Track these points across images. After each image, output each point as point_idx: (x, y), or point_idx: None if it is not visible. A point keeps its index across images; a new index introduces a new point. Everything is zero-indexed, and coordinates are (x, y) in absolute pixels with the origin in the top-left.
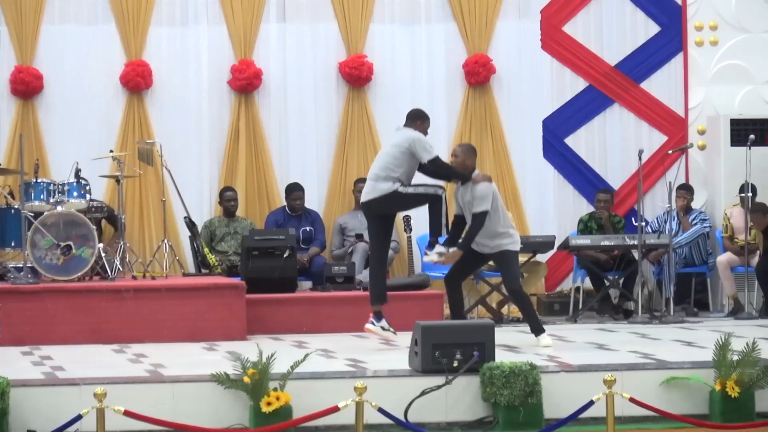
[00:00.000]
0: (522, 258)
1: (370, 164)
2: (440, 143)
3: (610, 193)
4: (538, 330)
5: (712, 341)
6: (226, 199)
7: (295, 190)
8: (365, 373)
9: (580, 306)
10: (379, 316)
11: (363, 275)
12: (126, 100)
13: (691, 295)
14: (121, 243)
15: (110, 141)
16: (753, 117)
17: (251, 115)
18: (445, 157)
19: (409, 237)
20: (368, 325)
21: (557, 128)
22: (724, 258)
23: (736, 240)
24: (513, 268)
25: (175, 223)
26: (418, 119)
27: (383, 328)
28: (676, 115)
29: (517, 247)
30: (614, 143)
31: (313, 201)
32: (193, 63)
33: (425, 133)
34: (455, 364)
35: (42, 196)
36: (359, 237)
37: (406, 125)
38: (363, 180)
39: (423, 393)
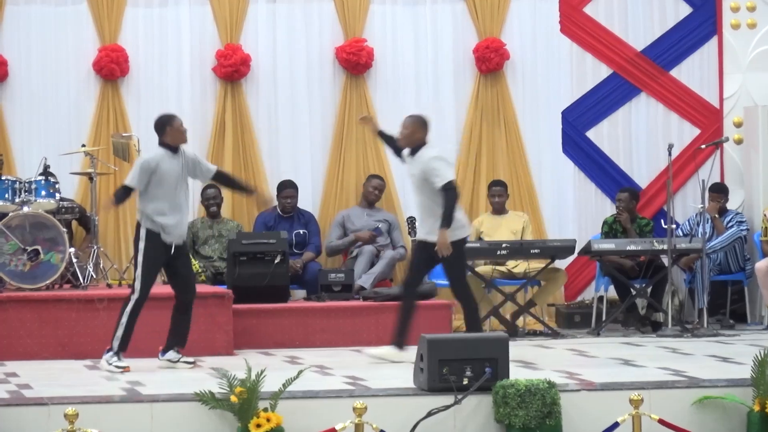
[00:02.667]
0: (539, 264)
1: (370, 159)
2: (448, 137)
3: (631, 191)
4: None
5: (750, 356)
6: (206, 197)
7: (286, 188)
8: (365, 391)
9: (604, 317)
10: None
11: (363, 280)
12: (99, 88)
13: (727, 306)
14: (95, 247)
15: (82, 134)
16: None
17: (238, 106)
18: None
19: (413, 241)
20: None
21: (578, 120)
22: (763, 264)
23: None
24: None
25: None
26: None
27: None
28: (710, 106)
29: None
30: (641, 137)
31: (307, 200)
32: (174, 48)
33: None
34: (465, 381)
35: (6, 196)
36: (372, 238)
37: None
38: (377, 176)
39: (429, 414)
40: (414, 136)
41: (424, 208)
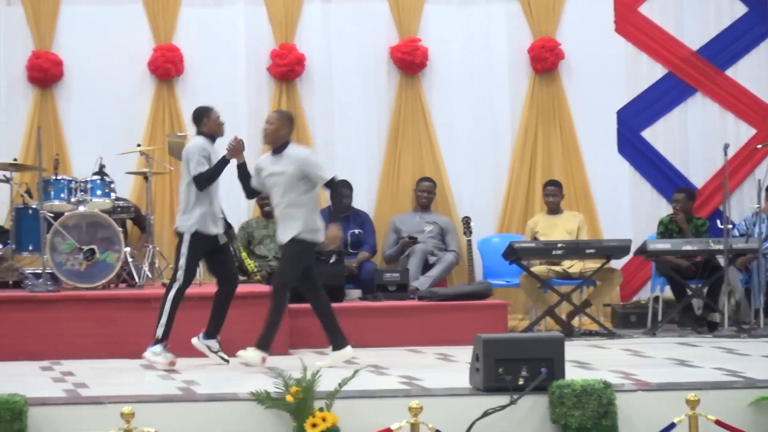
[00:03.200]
0: (595, 264)
1: (425, 160)
2: (504, 136)
3: (687, 192)
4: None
5: None
6: (261, 197)
7: (345, 188)
8: (421, 391)
9: (659, 318)
10: None
11: (419, 283)
12: (154, 88)
13: None
14: (150, 247)
15: (137, 134)
16: None
17: (293, 105)
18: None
19: (469, 240)
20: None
21: (633, 120)
22: None
23: None
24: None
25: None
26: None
27: None
28: (766, 105)
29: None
30: (696, 137)
31: (362, 201)
32: (229, 47)
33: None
34: (521, 381)
35: (62, 195)
36: (413, 239)
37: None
38: (427, 179)
39: (485, 414)
40: (279, 133)
41: (289, 209)
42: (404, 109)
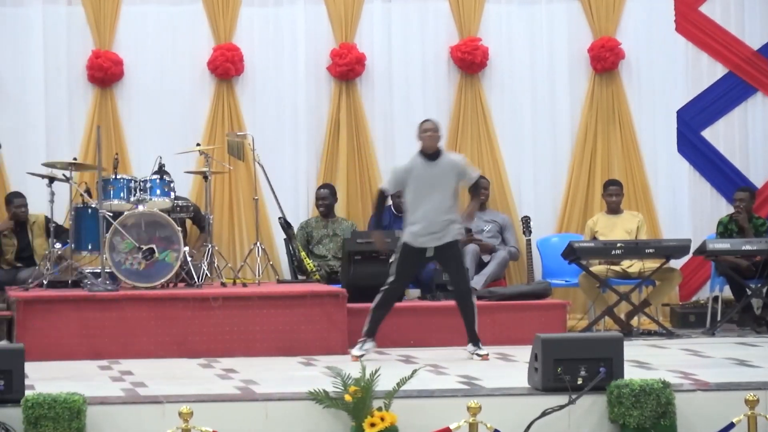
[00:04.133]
0: (654, 264)
1: (485, 159)
2: (564, 136)
3: (750, 191)
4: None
5: None
6: (317, 197)
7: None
8: (480, 391)
9: (719, 317)
10: None
11: (475, 281)
12: (214, 88)
13: None
14: (209, 246)
15: (197, 133)
16: None
17: (353, 105)
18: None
19: (529, 240)
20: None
21: (693, 120)
22: None
23: None
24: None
25: (268, 224)
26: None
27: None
28: None
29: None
30: (757, 136)
31: None
32: (289, 47)
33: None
34: (579, 381)
35: (122, 195)
36: (468, 231)
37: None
38: (482, 178)
39: (544, 413)
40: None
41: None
42: (464, 109)
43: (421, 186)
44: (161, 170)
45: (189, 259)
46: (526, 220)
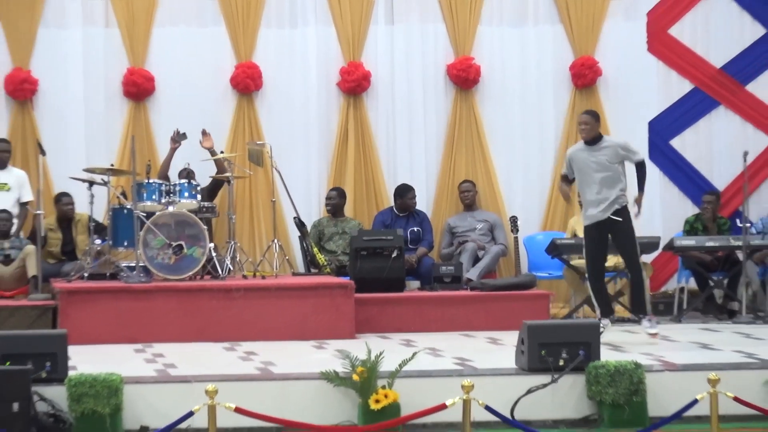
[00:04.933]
0: None
1: (478, 164)
2: (548, 144)
3: (716, 194)
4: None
5: None
6: (326, 197)
7: (410, 190)
8: (472, 371)
9: (685, 306)
10: None
11: (470, 273)
12: (236, 101)
13: None
14: (232, 243)
15: (221, 142)
16: None
17: (360, 117)
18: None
19: (516, 237)
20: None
21: (663, 130)
22: None
23: None
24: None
25: (284, 223)
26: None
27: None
28: None
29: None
30: (720, 145)
31: (422, 202)
32: (302, 65)
33: None
34: (561, 362)
35: (154, 197)
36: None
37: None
38: (466, 181)
39: (529, 391)
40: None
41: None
42: (459, 121)
43: (585, 170)
44: (189, 175)
45: (214, 254)
46: (513, 220)
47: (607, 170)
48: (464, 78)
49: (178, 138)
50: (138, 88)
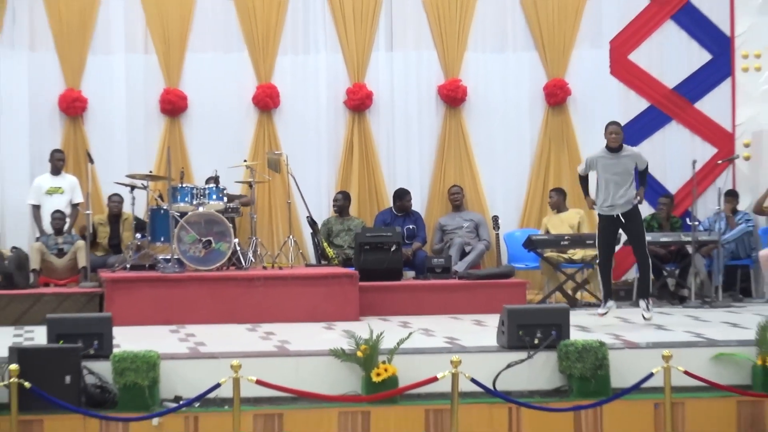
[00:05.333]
0: (593, 252)
1: (465, 172)
2: (524, 154)
3: (669, 197)
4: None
5: (754, 323)
6: (333, 199)
7: (407, 194)
8: (460, 349)
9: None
10: None
11: (458, 266)
12: (257, 117)
13: (737, 284)
14: (253, 238)
15: (244, 152)
16: None
17: (363, 130)
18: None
19: (498, 234)
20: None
21: (624, 142)
22: (765, 252)
23: None
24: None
25: (298, 221)
26: None
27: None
28: (725, 131)
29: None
30: (673, 155)
31: (416, 203)
32: (314, 85)
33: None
34: (536, 341)
35: (186, 199)
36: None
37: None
38: (454, 186)
39: (509, 366)
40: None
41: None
42: (448, 134)
43: (607, 173)
44: (216, 180)
45: (238, 248)
46: (495, 219)
47: (626, 173)
48: (453, 97)
49: None
50: (173, 106)
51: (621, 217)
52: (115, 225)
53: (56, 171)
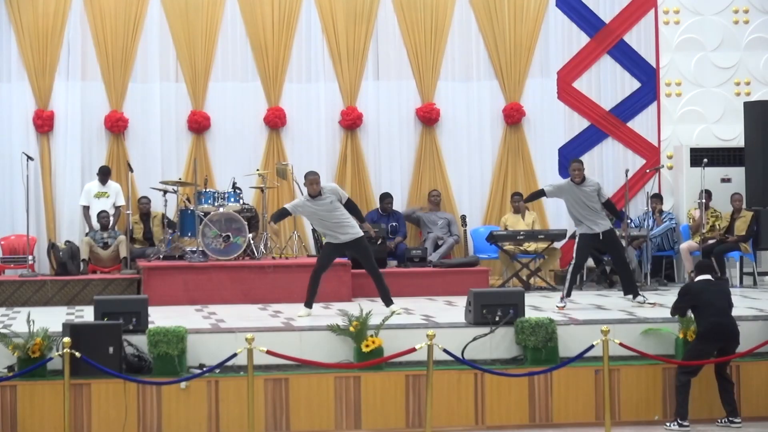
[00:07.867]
0: (544, 245)
1: (437, 180)
2: (487, 165)
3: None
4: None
5: None
6: None
7: (389, 197)
8: (434, 324)
9: (584, 278)
10: None
11: (433, 256)
12: (268, 134)
13: (662, 271)
14: (264, 234)
15: (257, 162)
16: (706, 147)
17: (355, 145)
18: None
19: (465, 230)
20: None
21: (568, 154)
22: (685, 245)
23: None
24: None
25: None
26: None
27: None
28: (652, 145)
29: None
30: (608, 166)
31: (398, 204)
32: (314, 108)
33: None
34: (497, 318)
35: (209, 201)
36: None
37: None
38: (434, 190)
39: (475, 338)
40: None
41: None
42: (424, 149)
43: (575, 201)
44: (234, 186)
45: (252, 242)
46: (463, 218)
47: (591, 201)
48: (428, 118)
49: None
50: (198, 125)
51: (601, 236)
52: (146, 222)
53: (104, 180)
